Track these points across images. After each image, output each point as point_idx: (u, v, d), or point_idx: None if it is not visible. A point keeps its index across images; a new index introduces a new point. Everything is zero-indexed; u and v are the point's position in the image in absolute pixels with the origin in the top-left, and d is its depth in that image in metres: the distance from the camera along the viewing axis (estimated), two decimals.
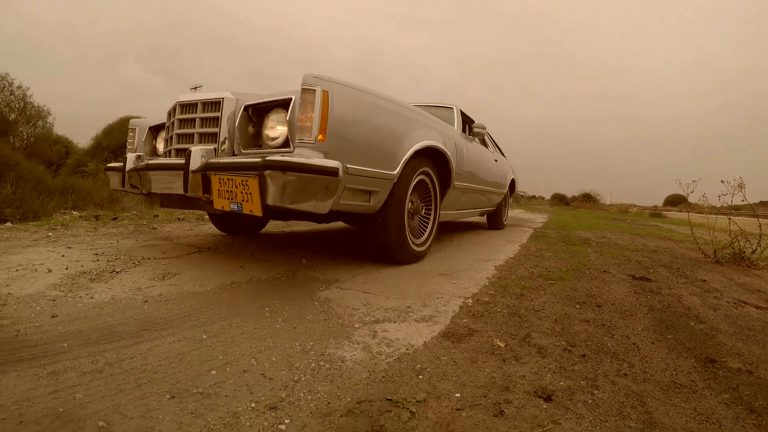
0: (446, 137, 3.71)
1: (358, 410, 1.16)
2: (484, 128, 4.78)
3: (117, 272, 2.50)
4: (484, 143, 5.89)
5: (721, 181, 4.51)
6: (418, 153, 3.17)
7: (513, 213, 13.71)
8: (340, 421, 1.11)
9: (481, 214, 6.43)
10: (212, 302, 2.06)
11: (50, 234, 3.80)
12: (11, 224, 4.25)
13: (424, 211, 3.55)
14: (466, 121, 5.17)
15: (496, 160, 6.00)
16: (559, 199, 37.08)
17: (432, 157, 3.52)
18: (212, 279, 2.49)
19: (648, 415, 1.22)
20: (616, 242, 5.69)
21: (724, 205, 4.55)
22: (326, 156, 2.22)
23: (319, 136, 2.20)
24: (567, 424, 1.14)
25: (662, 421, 1.19)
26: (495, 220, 7.05)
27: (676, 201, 42.56)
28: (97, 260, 2.77)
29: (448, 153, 3.60)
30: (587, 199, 35.03)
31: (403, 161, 2.88)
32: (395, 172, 2.82)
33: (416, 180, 3.24)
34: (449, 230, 6.36)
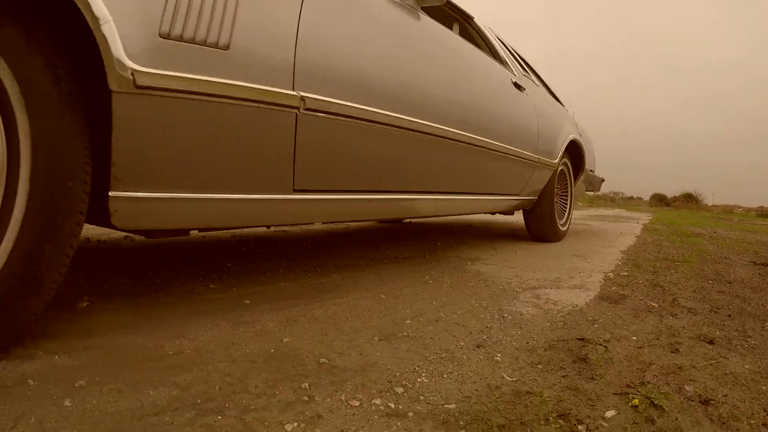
0: None
1: (558, 346, 1.43)
2: None
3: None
4: (496, 59, 3.15)
5: None
6: None
7: (612, 212, 13.00)
8: (545, 353, 1.37)
9: (508, 209, 3.56)
10: (371, 273, 2.32)
11: None
12: None
13: None
14: None
15: (520, 88, 3.18)
16: (659, 200, 35.81)
17: None
18: (359, 257, 2.75)
19: None
20: (729, 236, 5.71)
21: None
22: None
23: None
24: (733, 358, 1.38)
25: None
26: (538, 223, 3.84)
27: None
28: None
29: None
30: (689, 199, 33.77)
31: None
32: None
33: None
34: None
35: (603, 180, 5.58)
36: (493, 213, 3.65)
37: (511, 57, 3.49)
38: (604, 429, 0.96)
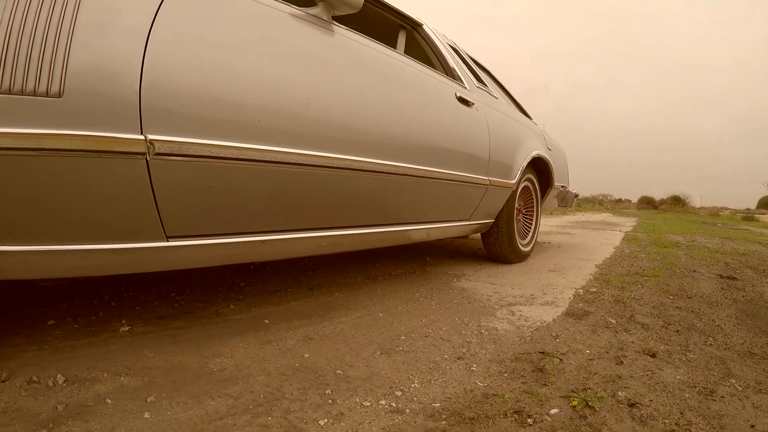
0: None
1: (522, 358, 1.71)
2: None
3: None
4: (442, 70, 2.92)
5: None
6: None
7: (599, 216, 13.44)
8: (511, 364, 1.65)
9: (457, 235, 3.30)
10: (369, 291, 2.60)
11: None
12: None
13: None
14: None
15: (467, 104, 2.83)
16: (647, 203, 36.04)
17: None
18: (356, 274, 3.05)
19: (727, 369, 1.70)
20: (706, 245, 5.99)
21: None
22: None
23: None
24: (668, 370, 1.66)
25: (737, 374, 1.67)
26: (496, 244, 3.55)
27: None
28: None
29: None
30: (676, 202, 34.04)
31: None
32: None
33: None
34: None
35: (577, 195, 5.45)
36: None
37: (464, 67, 3.14)
38: (547, 422, 1.25)
